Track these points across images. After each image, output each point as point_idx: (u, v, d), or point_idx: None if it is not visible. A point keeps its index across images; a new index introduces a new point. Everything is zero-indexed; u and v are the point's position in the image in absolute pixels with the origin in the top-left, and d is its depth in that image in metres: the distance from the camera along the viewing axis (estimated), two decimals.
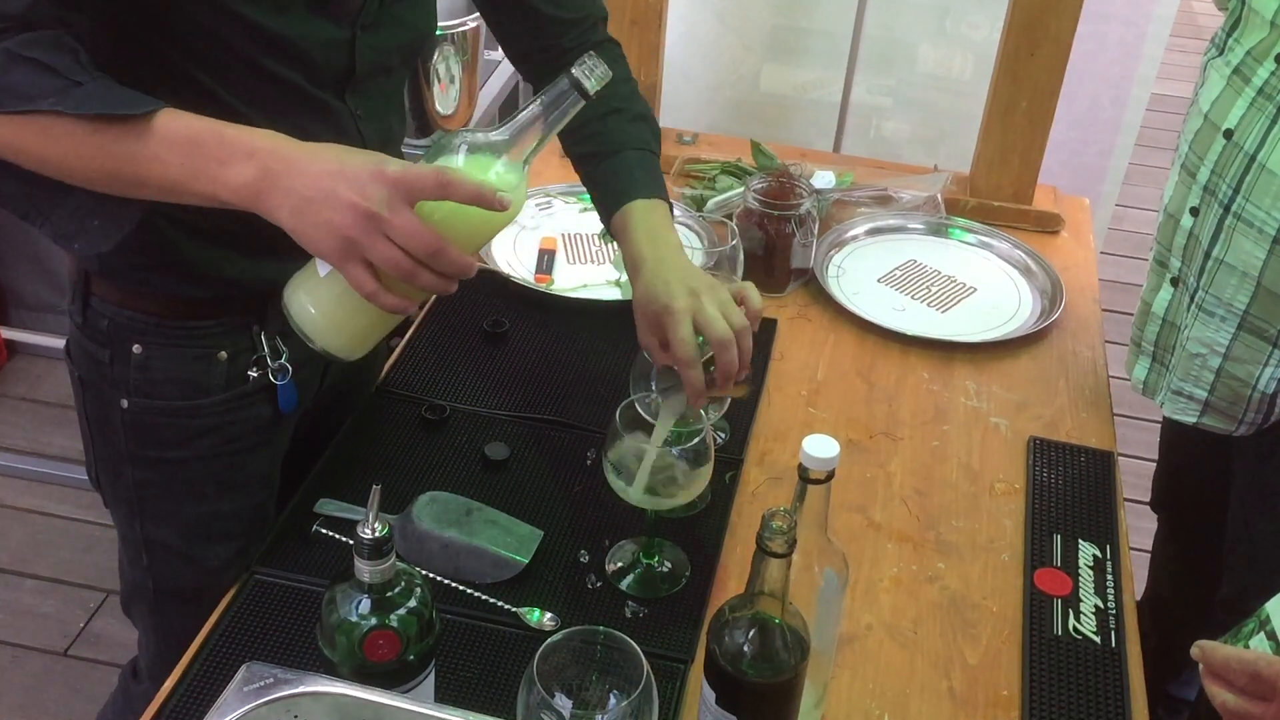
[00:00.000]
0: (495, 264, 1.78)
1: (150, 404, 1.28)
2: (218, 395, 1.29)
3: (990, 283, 1.86)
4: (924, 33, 2.52)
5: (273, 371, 1.30)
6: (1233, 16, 1.46)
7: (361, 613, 1.00)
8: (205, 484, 1.34)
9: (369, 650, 0.99)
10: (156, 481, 1.33)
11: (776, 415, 1.56)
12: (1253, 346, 1.44)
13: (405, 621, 1.00)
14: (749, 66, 2.59)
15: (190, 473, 1.33)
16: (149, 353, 1.26)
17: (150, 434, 1.30)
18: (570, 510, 1.36)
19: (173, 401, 1.29)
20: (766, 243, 1.75)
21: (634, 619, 1.24)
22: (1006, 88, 1.93)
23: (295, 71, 1.16)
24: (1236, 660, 1.03)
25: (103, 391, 1.30)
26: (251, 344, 1.29)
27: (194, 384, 1.28)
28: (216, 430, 1.31)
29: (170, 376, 1.27)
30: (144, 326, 1.25)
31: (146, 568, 1.39)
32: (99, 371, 1.29)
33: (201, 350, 1.27)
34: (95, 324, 1.27)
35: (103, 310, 1.26)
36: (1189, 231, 1.48)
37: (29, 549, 2.53)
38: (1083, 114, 2.77)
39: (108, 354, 1.27)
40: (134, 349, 1.26)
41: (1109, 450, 1.53)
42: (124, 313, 1.25)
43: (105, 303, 1.26)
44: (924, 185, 2.02)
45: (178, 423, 1.30)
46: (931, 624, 1.28)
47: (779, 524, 0.93)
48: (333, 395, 1.47)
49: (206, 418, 1.30)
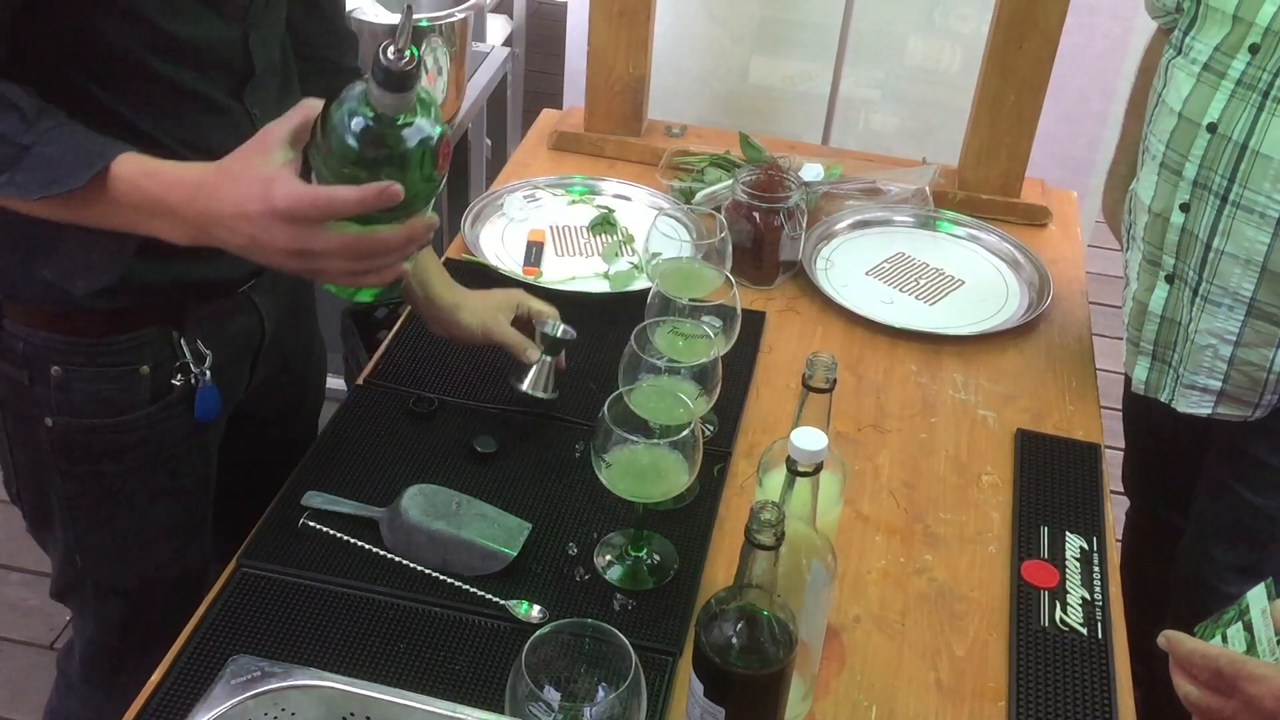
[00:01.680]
0: (483, 257, 1.78)
1: (75, 422, 1.26)
2: (143, 409, 1.27)
3: (978, 275, 1.86)
4: (912, 25, 2.53)
5: (195, 376, 1.28)
6: (1188, 16, 1.49)
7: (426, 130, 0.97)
8: (138, 494, 1.32)
9: (440, 161, 0.99)
10: (87, 493, 1.31)
11: (765, 408, 1.56)
12: (1263, 331, 1.46)
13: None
14: (737, 59, 2.59)
15: (121, 484, 1.31)
16: (68, 374, 1.23)
17: (78, 449, 1.28)
18: (558, 503, 1.36)
19: (98, 419, 1.26)
20: (755, 235, 1.75)
21: (622, 611, 1.24)
22: (995, 81, 1.94)
23: (191, 74, 1.15)
24: (1200, 655, 1.04)
25: (24, 410, 1.27)
26: (173, 352, 1.27)
27: (117, 401, 1.26)
28: (145, 443, 1.29)
29: (92, 396, 1.25)
30: (61, 346, 1.22)
31: (82, 569, 1.37)
32: (18, 392, 1.26)
33: (122, 367, 1.24)
34: (10, 346, 1.23)
35: (15, 332, 1.22)
36: (1181, 227, 1.49)
37: (12, 542, 2.52)
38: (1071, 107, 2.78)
39: (26, 375, 1.24)
40: (53, 370, 1.23)
41: (1096, 443, 1.53)
42: (38, 334, 1.22)
43: (17, 323, 1.22)
44: (912, 178, 2.02)
45: (105, 438, 1.28)
46: (919, 615, 1.29)
47: (767, 516, 0.93)
48: (271, 387, 1.45)
49: (133, 432, 1.28)
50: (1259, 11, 1.38)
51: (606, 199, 1.97)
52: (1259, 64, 1.39)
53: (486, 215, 1.89)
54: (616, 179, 2.00)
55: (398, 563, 1.27)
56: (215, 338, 1.30)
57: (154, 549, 1.36)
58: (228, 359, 1.32)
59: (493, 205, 1.91)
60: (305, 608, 1.22)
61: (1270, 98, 1.38)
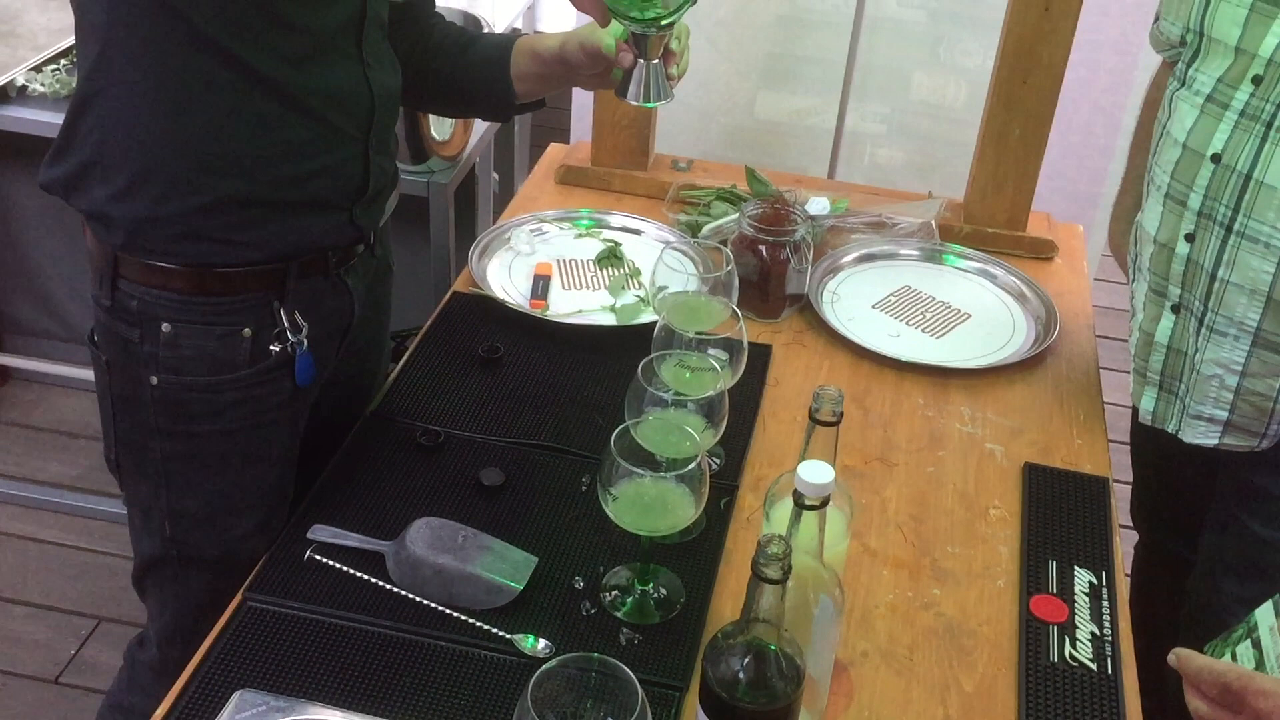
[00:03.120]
0: (490, 289, 1.79)
1: (179, 380, 1.34)
2: (243, 370, 1.36)
3: (985, 309, 1.87)
4: (918, 60, 2.54)
5: (291, 344, 1.37)
6: (1191, 49, 1.50)
7: None
8: (231, 456, 1.40)
9: None
10: (184, 454, 1.39)
11: (771, 441, 1.56)
12: (1269, 361, 1.45)
13: None
14: (744, 93, 2.60)
15: (217, 445, 1.39)
16: (177, 330, 1.32)
17: (179, 409, 1.36)
18: (565, 536, 1.36)
19: (200, 377, 1.35)
20: (761, 269, 1.75)
21: (629, 645, 1.23)
22: (1000, 115, 1.95)
23: (311, 16, 1.26)
24: (1209, 671, 1.04)
25: (131, 371, 1.35)
26: (273, 319, 1.36)
27: (220, 360, 1.34)
28: (242, 404, 1.37)
29: (198, 353, 1.34)
30: (172, 304, 1.32)
31: (170, 538, 1.43)
32: (127, 351, 1.35)
33: (227, 327, 1.33)
34: (124, 305, 1.33)
35: (131, 291, 1.32)
36: (1187, 258, 1.49)
37: (20, 575, 2.52)
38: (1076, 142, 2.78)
39: (137, 333, 1.33)
40: (163, 327, 1.32)
41: (1104, 476, 1.53)
42: (151, 291, 1.31)
43: (133, 283, 1.32)
44: (918, 211, 2.02)
45: (205, 398, 1.36)
46: (927, 651, 1.28)
47: (774, 550, 0.93)
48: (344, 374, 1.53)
49: (232, 392, 1.36)
50: (1261, 44, 1.39)
51: (613, 232, 1.97)
52: (1262, 95, 1.40)
53: (494, 249, 1.90)
54: (623, 213, 2.01)
55: (403, 597, 1.26)
56: (312, 313, 1.39)
57: (241, 518, 1.42)
58: (320, 335, 1.42)
59: (500, 239, 1.92)
60: (311, 642, 1.22)
61: (1273, 128, 1.38)
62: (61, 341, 2.90)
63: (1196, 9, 1.48)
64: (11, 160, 2.67)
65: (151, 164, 1.26)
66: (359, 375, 1.59)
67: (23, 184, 2.70)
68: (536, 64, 1.54)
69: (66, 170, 1.31)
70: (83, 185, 1.30)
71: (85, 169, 1.29)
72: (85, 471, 2.76)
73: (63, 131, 1.31)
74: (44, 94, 2.40)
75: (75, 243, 2.72)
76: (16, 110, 2.37)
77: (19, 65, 2.42)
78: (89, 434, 2.86)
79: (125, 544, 2.53)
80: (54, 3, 2.74)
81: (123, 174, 1.27)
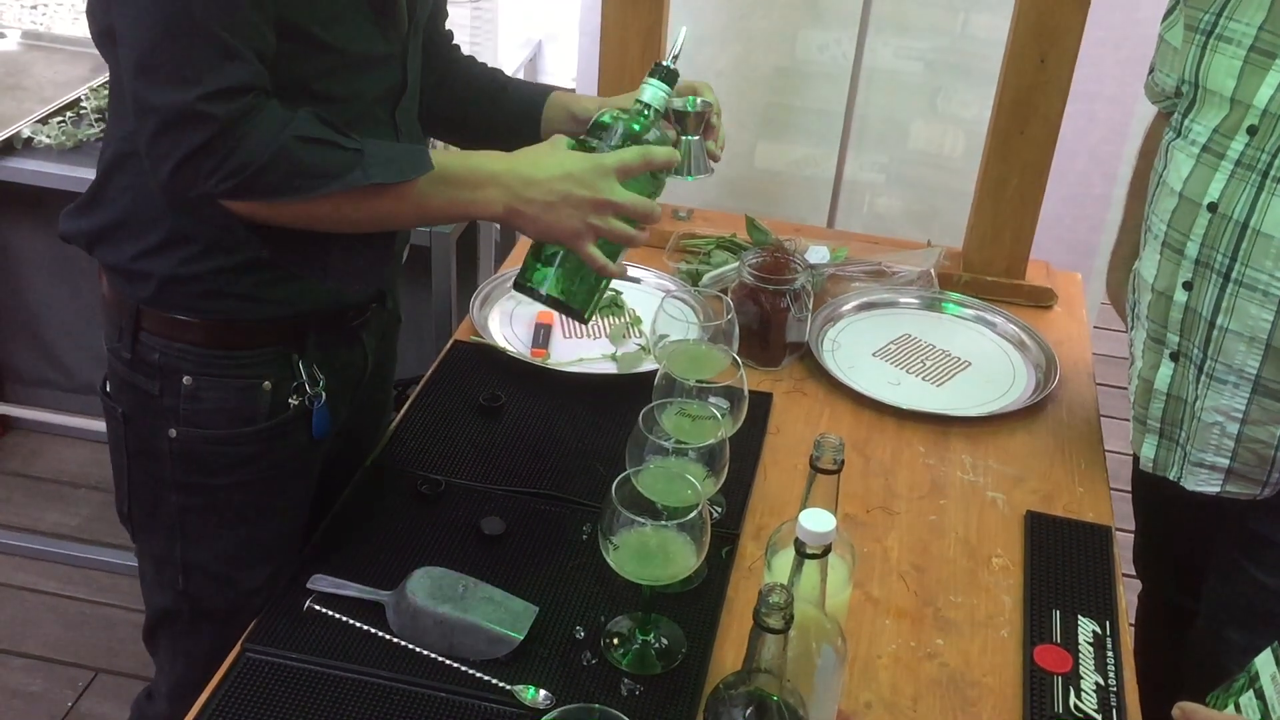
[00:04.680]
0: (491, 338, 1.79)
1: (198, 432, 1.36)
2: (261, 423, 1.38)
3: (985, 357, 1.87)
4: (915, 111, 2.56)
5: (309, 398, 1.39)
6: (1186, 99, 1.52)
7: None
8: (246, 509, 1.42)
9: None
10: (200, 507, 1.40)
11: (772, 489, 1.56)
12: (1269, 409, 1.45)
13: None
14: (743, 144, 2.62)
15: (233, 498, 1.41)
16: (198, 383, 1.34)
17: (197, 461, 1.38)
18: (566, 586, 1.35)
19: (220, 430, 1.37)
20: (761, 317, 1.76)
21: (630, 696, 1.23)
22: (997, 165, 1.96)
23: (346, 86, 1.30)
24: None
25: (149, 423, 1.37)
26: (292, 373, 1.38)
27: (240, 413, 1.37)
28: (259, 457, 1.39)
29: (218, 406, 1.36)
30: (193, 358, 1.34)
31: (183, 591, 1.44)
32: (146, 404, 1.36)
33: (247, 380, 1.36)
34: (145, 358, 1.35)
35: (153, 344, 1.34)
36: (1185, 305, 1.50)
37: (18, 627, 2.50)
38: (1073, 191, 2.80)
39: (157, 386, 1.35)
40: (184, 380, 1.34)
41: (1106, 525, 1.52)
42: (174, 345, 1.33)
43: (155, 336, 1.34)
44: (917, 260, 2.03)
45: (223, 450, 1.38)
46: (931, 701, 1.27)
47: (776, 599, 0.92)
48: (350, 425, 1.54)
49: (250, 445, 1.38)
50: (1256, 94, 1.41)
51: (614, 281, 1.98)
52: (1257, 145, 1.41)
53: (495, 298, 1.91)
54: (624, 261, 2.01)
55: (404, 647, 1.26)
56: (328, 365, 1.42)
57: (254, 570, 1.43)
58: (335, 388, 1.43)
59: (501, 288, 1.92)
60: (310, 693, 1.21)
61: (1269, 177, 1.39)
62: (63, 391, 2.90)
63: (1191, 61, 1.50)
64: (17, 211, 2.68)
65: (185, 226, 1.28)
66: (363, 424, 1.60)
67: (27, 234, 2.72)
68: (572, 124, 1.51)
69: (94, 224, 1.32)
70: (111, 240, 1.32)
71: (116, 225, 1.31)
72: (85, 522, 2.76)
73: (93, 186, 1.32)
74: (50, 146, 2.42)
75: (78, 293, 2.74)
76: (22, 162, 2.39)
77: (25, 117, 2.45)
78: (89, 484, 2.86)
79: (125, 595, 2.53)
80: (60, 56, 2.77)
81: (154, 233, 1.29)
